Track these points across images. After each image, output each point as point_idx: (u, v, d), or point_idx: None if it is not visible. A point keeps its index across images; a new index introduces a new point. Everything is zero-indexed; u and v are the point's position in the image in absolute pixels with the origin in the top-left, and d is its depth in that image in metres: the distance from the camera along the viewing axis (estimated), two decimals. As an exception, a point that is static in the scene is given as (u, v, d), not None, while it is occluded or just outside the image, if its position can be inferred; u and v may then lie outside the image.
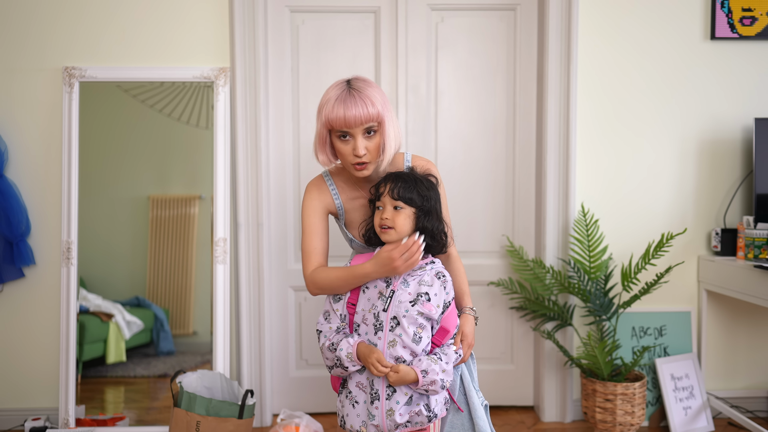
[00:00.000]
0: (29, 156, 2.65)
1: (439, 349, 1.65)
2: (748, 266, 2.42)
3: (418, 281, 1.63)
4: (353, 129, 1.64)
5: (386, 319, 1.60)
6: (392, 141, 1.69)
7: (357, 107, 1.62)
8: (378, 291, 1.63)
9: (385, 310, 1.60)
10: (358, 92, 1.64)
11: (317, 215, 1.77)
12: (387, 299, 1.61)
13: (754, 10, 2.69)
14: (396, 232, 1.63)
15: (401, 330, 1.59)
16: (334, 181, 1.81)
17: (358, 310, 1.65)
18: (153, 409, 2.66)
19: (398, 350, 1.58)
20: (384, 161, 1.70)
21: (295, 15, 2.77)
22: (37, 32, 2.63)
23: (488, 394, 2.89)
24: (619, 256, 2.75)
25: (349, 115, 1.62)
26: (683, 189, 2.77)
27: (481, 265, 2.86)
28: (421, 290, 1.62)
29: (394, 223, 1.62)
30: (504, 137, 2.85)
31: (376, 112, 1.64)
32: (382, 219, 1.63)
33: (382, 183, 1.65)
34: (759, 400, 2.81)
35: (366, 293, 1.65)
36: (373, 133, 1.67)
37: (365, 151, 1.66)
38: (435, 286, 1.63)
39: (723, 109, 2.75)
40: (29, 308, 2.67)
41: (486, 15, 2.81)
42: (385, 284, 1.63)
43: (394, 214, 1.63)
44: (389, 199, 1.63)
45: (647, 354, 2.73)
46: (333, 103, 1.64)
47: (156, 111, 2.66)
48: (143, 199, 2.69)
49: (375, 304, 1.62)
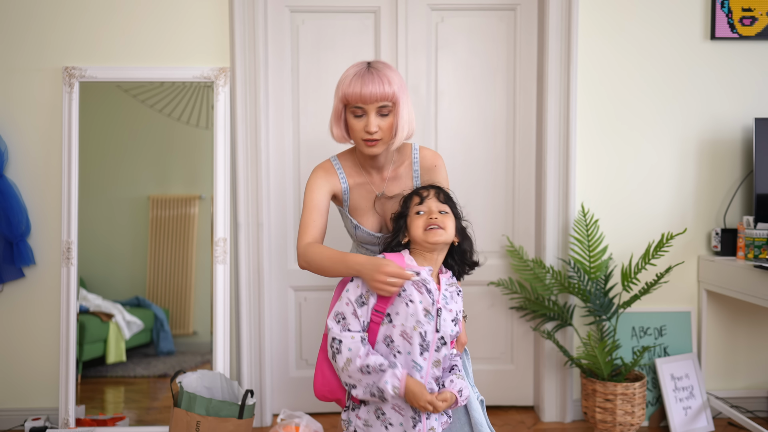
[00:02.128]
0: (29, 156, 2.64)
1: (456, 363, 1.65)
2: (748, 266, 2.42)
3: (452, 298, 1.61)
4: (368, 105, 1.67)
5: (434, 339, 1.55)
6: (405, 123, 1.71)
7: (374, 84, 1.65)
8: (423, 307, 1.54)
9: (437, 330, 1.55)
10: (377, 71, 1.67)
11: (321, 192, 1.77)
12: (434, 317, 1.55)
13: (754, 10, 2.69)
14: (446, 233, 1.60)
15: (446, 350, 1.58)
16: (342, 164, 1.83)
17: (396, 323, 1.55)
18: (153, 409, 2.66)
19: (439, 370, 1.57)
20: (396, 142, 1.73)
21: (295, 15, 2.77)
22: (37, 32, 2.63)
23: (488, 394, 2.89)
24: (619, 256, 2.75)
25: (365, 91, 1.65)
26: (683, 189, 2.77)
27: (481, 265, 2.85)
28: (456, 308, 1.61)
29: (444, 224, 1.61)
30: (504, 137, 2.85)
31: (391, 92, 1.66)
32: (431, 219, 1.60)
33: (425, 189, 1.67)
34: (759, 400, 2.81)
35: (410, 307, 1.54)
36: (387, 112, 1.69)
37: (377, 129, 1.68)
38: (459, 302, 1.64)
39: (723, 109, 2.75)
40: (29, 308, 2.66)
41: (486, 15, 2.81)
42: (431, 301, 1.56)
43: (443, 217, 1.62)
44: (435, 202, 1.64)
45: (647, 354, 2.73)
46: (351, 78, 1.67)
47: (156, 111, 2.66)
48: (143, 199, 2.69)
49: (420, 320, 1.53)
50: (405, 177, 1.82)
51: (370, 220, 1.81)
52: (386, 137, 1.71)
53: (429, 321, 1.54)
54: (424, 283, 1.56)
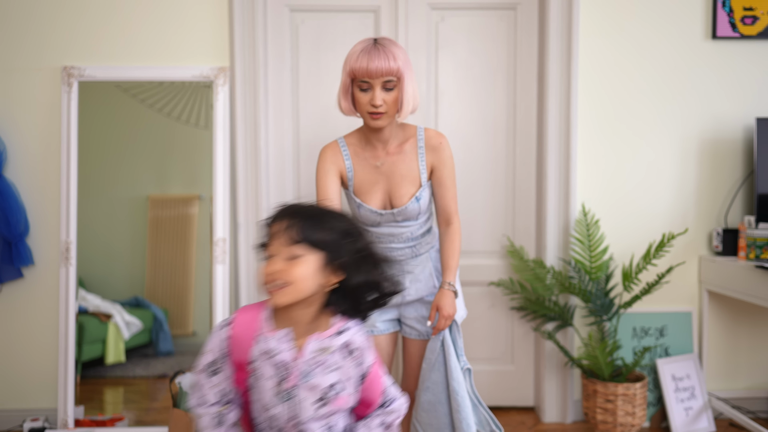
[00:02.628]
0: (28, 156, 2.64)
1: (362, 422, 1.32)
2: (749, 266, 2.42)
3: (323, 369, 1.24)
4: (373, 80, 1.73)
5: (288, 427, 1.23)
6: (410, 98, 1.78)
7: (380, 59, 1.72)
8: (272, 383, 1.22)
9: (293, 418, 1.22)
10: (383, 47, 1.75)
11: (330, 177, 1.84)
12: (284, 399, 1.22)
13: (755, 9, 2.68)
14: (289, 291, 1.22)
15: None
16: (348, 143, 1.89)
17: (255, 399, 1.24)
18: (152, 409, 2.65)
19: None
20: (401, 116, 1.79)
21: (295, 14, 2.77)
22: (36, 31, 2.62)
23: (489, 394, 2.89)
24: (619, 256, 2.74)
25: (372, 65, 1.72)
26: (684, 189, 2.76)
27: (482, 265, 2.85)
28: (326, 382, 1.24)
29: (289, 277, 1.21)
30: (504, 137, 2.84)
31: (396, 67, 1.73)
32: (268, 275, 1.23)
33: (276, 220, 1.25)
34: (760, 401, 2.80)
35: (257, 385, 1.22)
36: (392, 87, 1.75)
37: (382, 102, 1.74)
38: (345, 367, 1.27)
39: (724, 108, 2.74)
40: (28, 308, 2.66)
41: (486, 15, 2.80)
42: (278, 378, 1.22)
43: (288, 267, 1.22)
44: (283, 244, 1.22)
45: (648, 354, 2.73)
46: (358, 54, 1.75)
47: (155, 111, 2.65)
48: (142, 199, 2.69)
49: (271, 400, 1.22)
50: (410, 153, 1.86)
51: (374, 198, 1.85)
52: (391, 111, 1.77)
53: (280, 402, 1.22)
54: (272, 354, 1.23)
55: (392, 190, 1.84)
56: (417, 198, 1.84)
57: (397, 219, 1.85)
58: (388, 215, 1.84)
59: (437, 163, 1.88)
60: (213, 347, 1.27)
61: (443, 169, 1.88)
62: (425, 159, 1.86)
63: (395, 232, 1.87)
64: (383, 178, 1.84)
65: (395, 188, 1.83)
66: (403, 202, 1.84)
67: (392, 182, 1.84)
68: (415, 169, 1.85)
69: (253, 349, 1.23)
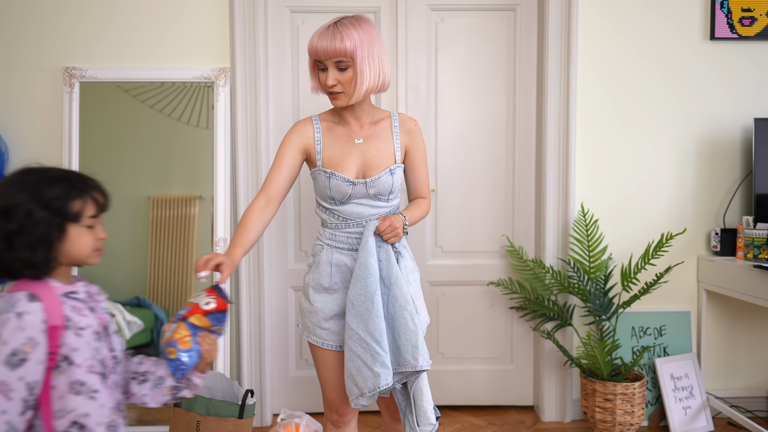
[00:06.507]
0: (30, 156, 2.64)
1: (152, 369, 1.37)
2: (747, 266, 2.43)
3: None
4: (325, 61, 1.74)
5: (110, 361, 1.28)
6: (366, 78, 1.74)
7: (327, 40, 1.71)
8: (94, 331, 1.24)
9: (111, 350, 1.29)
10: (336, 28, 1.72)
11: (290, 148, 1.83)
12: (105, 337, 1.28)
13: (753, 10, 2.69)
14: None
15: (123, 365, 1.34)
16: (320, 117, 1.90)
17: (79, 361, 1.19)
18: (153, 408, 2.66)
19: (119, 393, 1.31)
20: (357, 96, 1.76)
21: (295, 15, 2.77)
22: (38, 32, 2.63)
23: (488, 393, 2.90)
24: (618, 256, 2.75)
25: (320, 45, 1.72)
26: (683, 189, 2.77)
27: (481, 265, 2.86)
28: None
29: None
30: (504, 137, 2.85)
31: (343, 48, 1.70)
32: None
33: None
34: (759, 400, 2.81)
35: (83, 336, 1.21)
36: (345, 67, 1.74)
37: (334, 82, 1.74)
38: None
39: (723, 109, 2.75)
40: (30, 308, 2.66)
41: (486, 15, 2.81)
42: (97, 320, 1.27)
43: None
44: None
45: (647, 354, 2.74)
46: (314, 34, 1.76)
47: (156, 111, 2.66)
48: (143, 199, 2.69)
49: (96, 347, 1.23)
50: (385, 132, 1.87)
51: (348, 168, 1.81)
52: (347, 90, 1.76)
53: (103, 344, 1.25)
54: (86, 302, 1.27)
55: (367, 162, 1.82)
56: (391, 171, 1.82)
57: (369, 192, 1.80)
58: (360, 185, 1.79)
59: (411, 145, 1.89)
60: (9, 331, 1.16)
61: (416, 152, 1.90)
62: (400, 140, 1.87)
63: (363, 212, 1.81)
64: (358, 151, 1.83)
65: (371, 161, 1.82)
66: (377, 173, 1.81)
67: (368, 155, 1.82)
68: (390, 147, 1.85)
69: None
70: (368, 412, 2.88)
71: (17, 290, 1.17)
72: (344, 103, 1.79)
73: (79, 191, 1.23)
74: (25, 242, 1.16)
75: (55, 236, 1.19)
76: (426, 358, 1.73)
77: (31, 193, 1.17)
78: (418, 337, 1.73)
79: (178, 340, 1.33)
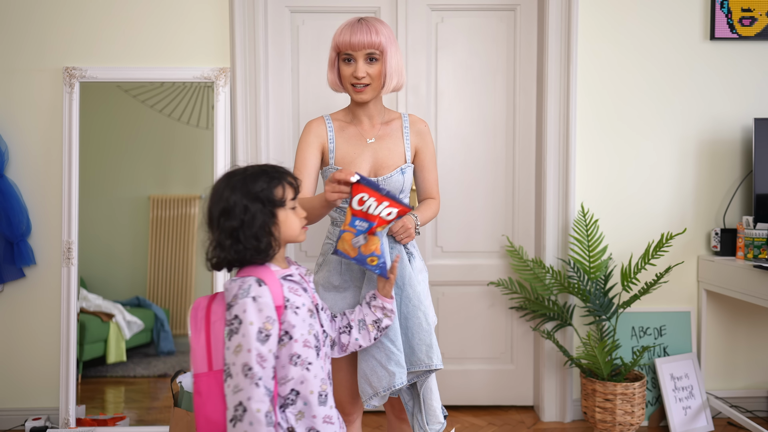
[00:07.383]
0: (30, 156, 2.65)
1: None
2: (747, 266, 2.43)
3: None
4: (356, 53, 1.78)
5: (322, 336, 1.47)
6: (393, 72, 1.81)
7: (362, 33, 1.77)
8: (308, 309, 1.42)
9: (321, 325, 1.48)
10: (366, 22, 1.80)
11: (310, 151, 1.85)
12: (316, 315, 1.46)
13: (753, 10, 2.69)
14: None
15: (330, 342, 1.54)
16: (333, 117, 1.92)
17: (297, 336, 1.37)
18: (153, 409, 2.66)
19: (329, 364, 1.49)
20: (385, 90, 1.82)
21: (295, 15, 2.77)
22: (37, 32, 2.63)
23: (488, 394, 2.90)
24: (618, 256, 2.75)
25: (354, 39, 1.77)
26: (683, 189, 2.77)
27: (481, 265, 2.86)
28: None
29: None
30: (504, 137, 2.85)
31: (378, 41, 1.77)
32: None
33: None
34: (758, 400, 2.81)
35: (299, 314, 1.39)
36: (375, 60, 1.79)
37: (365, 74, 1.78)
38: None
39: (723, 109, 2.75)
40: (30, 308, 2.67)
41: (486, 15, 2.81)
42: (310, 300, 1.45)
43: None
44: None
45: (647, 354, 2.74)
46: (343, 29, 1.81)
47: (156, 111, 2.66)
48: (143, 199, 2.69)
49: (311, 323, 1.42)
50: (396, 132, 1.89)
51: (360, 166, 1.84)
52: (375, 83, 1.81)
53: (315, 320, 1.44)
54: (300, 283, 1.45)
55: (378, 161, 1.84)
56: (402, 170, 1.85)
57: None
58: None
59: (421, 146, 1.91)
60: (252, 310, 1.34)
61: (426, 152, 1.92)
62: (410, 140, 1.89)
63: None
64: (370, 150, 1.85)
65: (382, 160, 1.84)
66: (389, 172, 1.84)
67: (379, 155, 1.85)
68: (401, 147, 1.88)
69: None
70: (368, 412, 2.88)
71: (246, 276, 1.35)
72: (369, 96, 1.82)
73: (278, 180, 1.40)
74: (249, 234, 1.34)
75: (271, 222, 1.37)
76: (439, 357, 1.75)
77: (241, 191, 1.35)
78: (431, 336, 1.74)
79: (375, 250, 1.58)
